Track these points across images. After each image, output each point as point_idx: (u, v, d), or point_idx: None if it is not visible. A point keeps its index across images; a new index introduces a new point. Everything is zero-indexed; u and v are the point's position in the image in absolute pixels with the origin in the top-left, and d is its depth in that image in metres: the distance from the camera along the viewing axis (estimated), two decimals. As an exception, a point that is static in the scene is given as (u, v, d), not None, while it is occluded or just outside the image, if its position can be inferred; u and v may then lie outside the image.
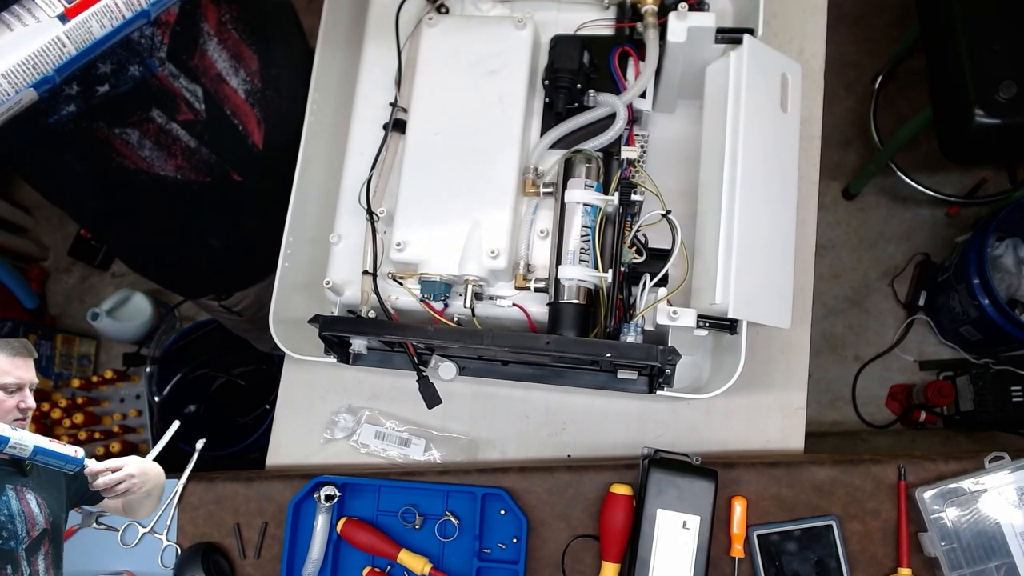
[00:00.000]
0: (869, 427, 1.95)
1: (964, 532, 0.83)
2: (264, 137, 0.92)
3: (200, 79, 0.84)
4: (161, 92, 0.81)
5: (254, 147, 0.91)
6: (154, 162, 0.86)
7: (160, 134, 0.84)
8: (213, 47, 0.84)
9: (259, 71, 0.89)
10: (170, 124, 0.84)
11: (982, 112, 1.34)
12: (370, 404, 1.01)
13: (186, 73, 0.83)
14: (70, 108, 0.76)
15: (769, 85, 0.82)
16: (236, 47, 0.87)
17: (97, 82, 0.76)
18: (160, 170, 0.86)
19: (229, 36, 0.86)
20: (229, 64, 0.87)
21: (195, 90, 0.84)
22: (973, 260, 1.71)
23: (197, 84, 0.84)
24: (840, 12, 1.83)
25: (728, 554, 0.87)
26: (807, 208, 1.01)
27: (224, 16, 0.84)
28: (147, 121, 0.82)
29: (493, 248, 0.82)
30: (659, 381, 0.82)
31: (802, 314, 0.97)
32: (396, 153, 0.91)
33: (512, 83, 0.87)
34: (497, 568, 0.90)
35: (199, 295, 1.19)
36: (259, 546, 0.95)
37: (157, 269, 1.18)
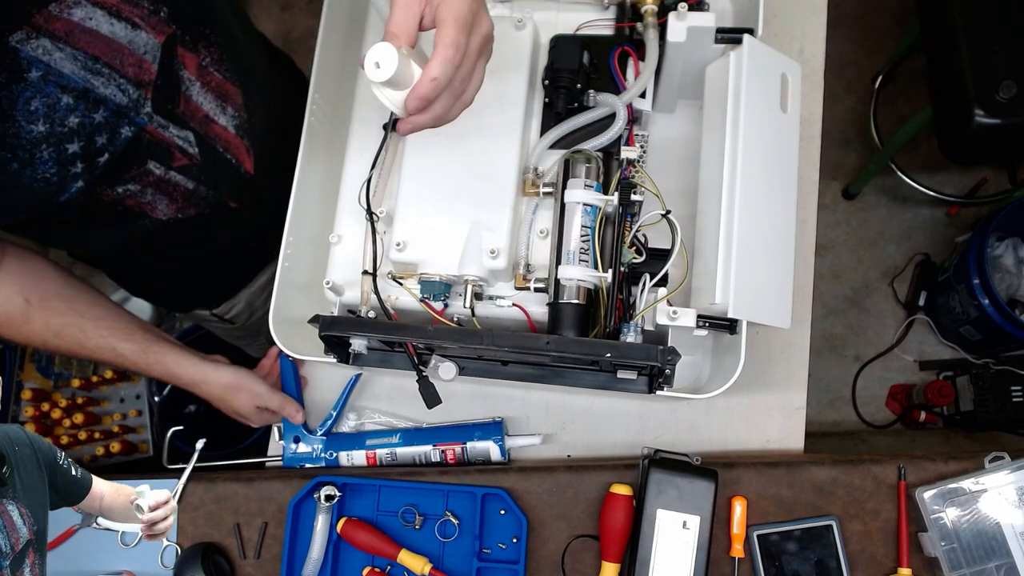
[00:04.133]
0: (869, 427, 1.95)
1: (964, 532, 0.83)
2: (255, 162, 0.92)
3: (189, 124, 0.84)
4: (154, 144, 0.81)
5: (246, 174, 0.92)
6: (156, 206, 0.86)
7: (160, 183, 0.85)
8: (197, 91, 0.84)
9: (243, 103, 0.89)
10: (168, 173, 0.85)
11: (982, 112, 1.34)
12: (370, 404, 1.01)
13: (174, 121, 0.83)
14: (78, 184, 0.76)
15: (769, 85, 0.82)
16: (220, 87, 0.87)
17: (98, 154, 0.76)
18: (162, 214, 0.87)
19: (212, 78, 0.86)
20: (215, 104, 0.87)
21: (186, 136, 0.84)
22: (973, 260, 1.71)
23: (188, 130, 0.84)
24: (840, 12, 1.83)
25: (728, 554, 0.87)
26: (807, 208, 1.01)
27: (204, 60, 0.84)
28: (146, 175, 0.83)
29: (493, 248, 0.82)
30: (659, 381, 0.82)
31: (802, 314, 0.97)
32: (396, 153, 0.91)
33: (512, 83, 0.87)
34: (497, 568, 0.90)
35: (190, 309, 1.20)
36: (259, 546, 0.95)
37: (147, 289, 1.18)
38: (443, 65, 0.62)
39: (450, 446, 0.94)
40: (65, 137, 0.73)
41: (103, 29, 0.73)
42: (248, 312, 1.20)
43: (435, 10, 0.65)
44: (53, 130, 0.72)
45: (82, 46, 0.72)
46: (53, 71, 0.71)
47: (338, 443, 0.97)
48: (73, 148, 0.74)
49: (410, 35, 0.64)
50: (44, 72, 0.70)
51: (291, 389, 1.00)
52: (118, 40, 0.75)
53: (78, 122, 0.74)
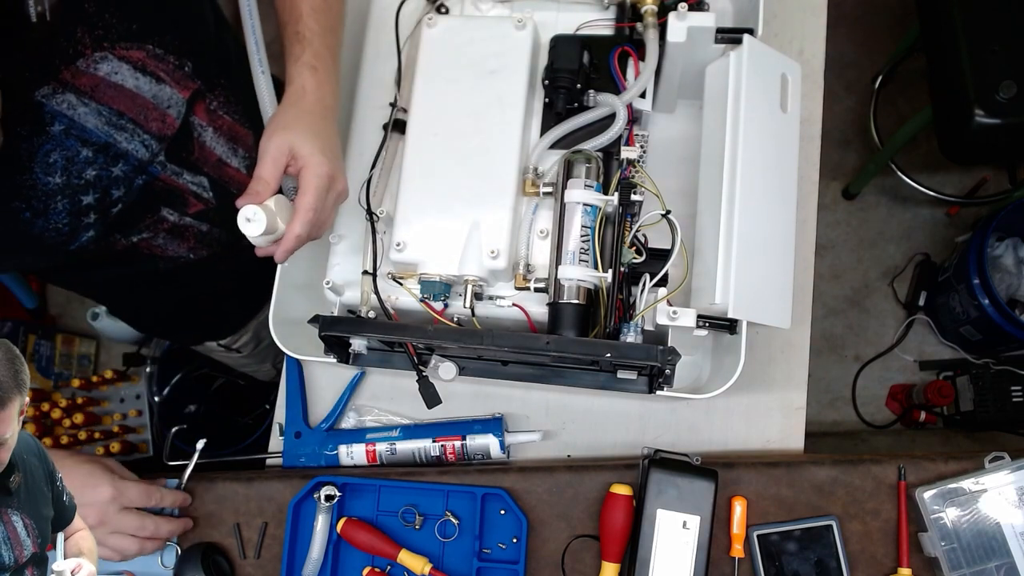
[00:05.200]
0: (869, 427, 1.95)
1: (964, 532, 0.83)
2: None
3: (203, 170, 0.85)
4: (167, 192, 0.81)
5: None
6: (167, 248, 0.86)
7: (174, 229, 0.85)
8: (209, 136, 0.85)
9: (255, 144, 0.90)
10: (183, 219, 0.85)
11: (982, 112, 1.34)
12: (370, 404, 1.01)
13: (188, 168, 0.83)
14: (89, 234, 0.76)
15: (769, 85, 0.82)
16: (231, 129, 0.87)
17: (112, 205, 0.77)
18: (173, 253, 0.87)
19: (223, 121, 0.86)
20: (227, 147, 0.88)
21: (200, 181, 0.85)
22: (973, 260, 1.71)
23: (201, 175, 0.85)
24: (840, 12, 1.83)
25: (728, 554, 0.87)
26: (807, 208, 1.01)
27: (212, 104, 0.84)
28: (160, 222, 0.83)
29: (493, 248, 0.82)
30: (659, 381, 0.82)
31: (802, 314, 0.97)
32: (396, 153, 0.91)
33: (512, 83, 0.87)
34: (497, 568, 0.90)
35: (197, 343, 1.19)
36: (259, 546, 0.95)
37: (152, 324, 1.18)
38: (304, 226, 0.74)
39: (450, 440, 0.93)
40: (81, 189, 0.74)
41: (128, 84, 0.74)
42: (255, 341, 1.20)
43: (299, 169, 0.73)
44: (69, 182, 0.72)
45: (107, 101, 0.72)
46: (76, 125, 0.71)
47: (338, 438, 0.97)
48: (87, 200, 0.75)
49: (273, 188, 0.74)
50: (67, 126, 0.70)
51: (295, 391, 1.00)
52: (143, 95, 0.75)
53: (95, 175, 0.74)
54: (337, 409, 0.99)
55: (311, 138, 0.74)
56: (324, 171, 0.74)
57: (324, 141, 0.76)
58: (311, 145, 0.74)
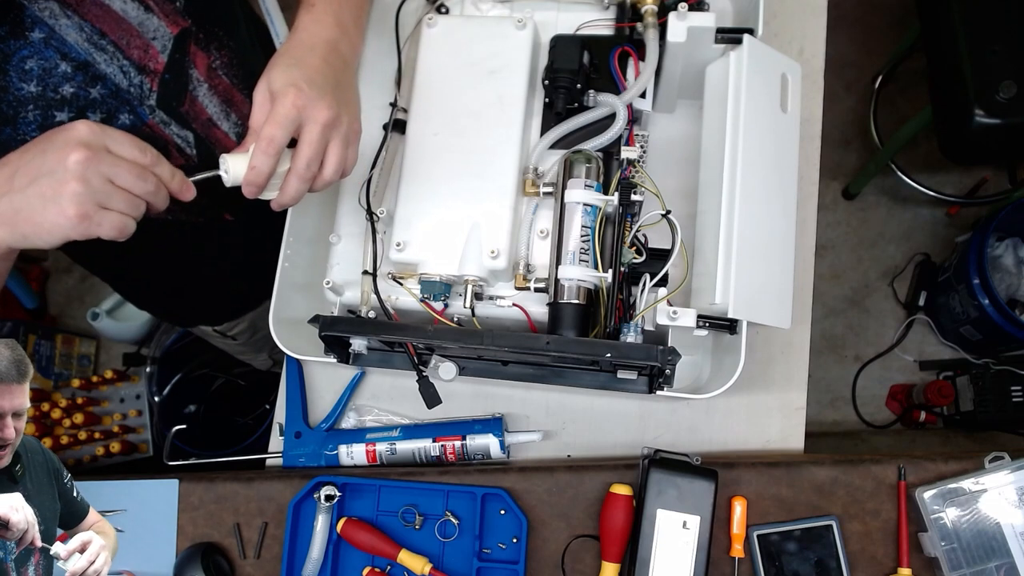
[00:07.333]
0: (869, 427, 1.95)
1: (964, 532, 0.83)
2: None
3: (191, 125, 0.84)
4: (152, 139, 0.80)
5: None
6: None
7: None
8: (203, 93, 0.84)
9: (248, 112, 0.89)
10: None
11: (982, 112, 1.35)
12: (370, 404, 1.01)
13: (176, 120, 0.82)
14: None
15: (769, 85, 0.82)
16: (227, 92, 0.87)
17: None
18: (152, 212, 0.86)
19: (220, 82, 0.85)
20: (220, 109, 0.86)
21: (186, 136, 0.84)
22: (973, 260, 1.71)
23: (188, 130, 0.83)
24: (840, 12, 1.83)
25: (728, 554, 0.87)
26: (807, 208, 1.01)
27: (215, 63, 0.84)
28: None
29: (493, 248, 0.82)
30: (659, 381, 0.82)
31: (802, 314, 0.97)
32: (396, 153, 0.91)
33: (512, 83, 0.87)
34: (497, 568, 0.90)
35: (192, 324, 1.19)
36: (259, 546, 0.95)
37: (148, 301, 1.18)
38: (263, 158, 0.67)
39: (450, 440, 0.93)
40: (55, 104, 0.72)
41: (115, 5, 0.73)
42: (251, 331, 1.20)
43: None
44: (44, 94, 0.71)
45: (90, 18, 0.72)
46: (56, 36, 0.70)
47: (338, 438, 0.97)
48: (61, 117, 0.73)
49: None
50: (47, 35, 0.69)
51: (295, 391, 1.00)
52: (128, 19, 0.74)
53: (72, 92, 0.73)
54: (337, 409, 0.99)
55: (286, 70, 0.69)
56: (295, 100, 0.66)
57: (307, 71, 0.69)
58: (285, 76, 0.68)
